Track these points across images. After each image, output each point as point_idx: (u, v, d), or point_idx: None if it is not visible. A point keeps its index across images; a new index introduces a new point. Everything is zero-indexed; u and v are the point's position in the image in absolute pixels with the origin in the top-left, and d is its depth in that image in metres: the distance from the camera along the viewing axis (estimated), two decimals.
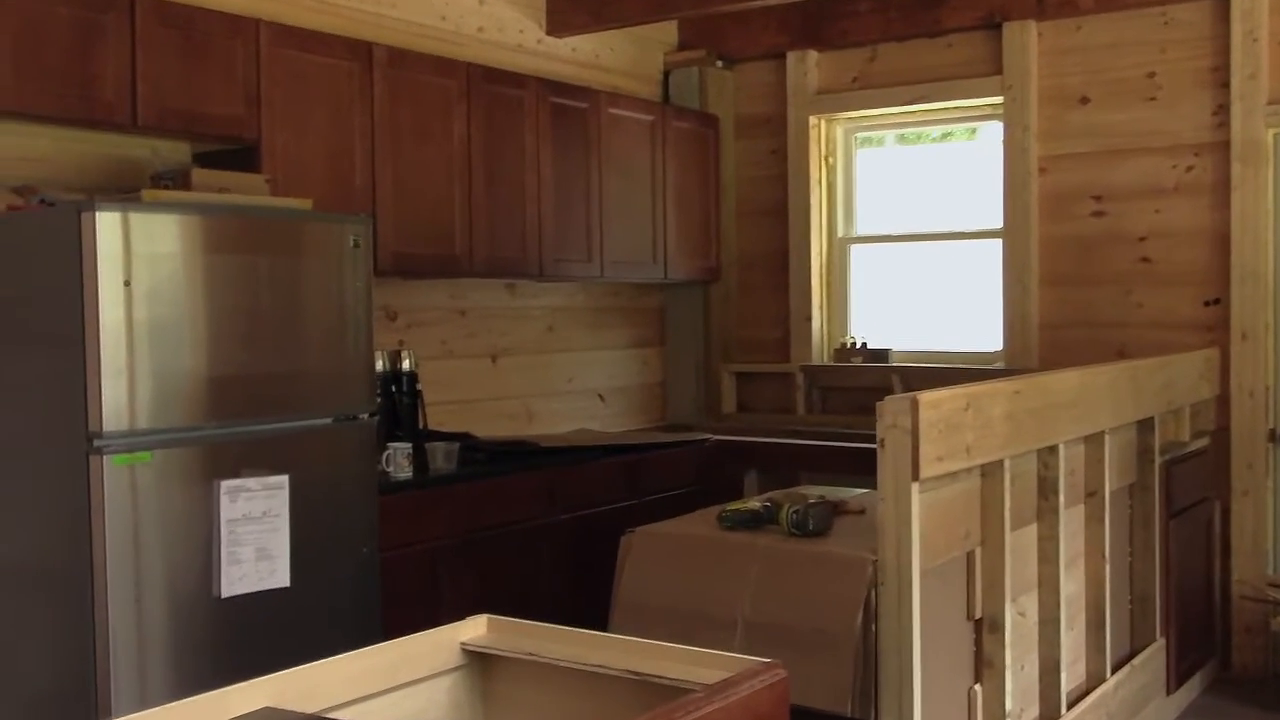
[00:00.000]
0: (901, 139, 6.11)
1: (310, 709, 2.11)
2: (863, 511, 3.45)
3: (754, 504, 3.29)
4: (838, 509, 3.31)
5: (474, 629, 2.40)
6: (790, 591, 2.97)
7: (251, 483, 3.31)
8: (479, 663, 2.39)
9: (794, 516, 3.11)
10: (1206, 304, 5.11)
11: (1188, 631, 4.69)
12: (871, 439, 5.34)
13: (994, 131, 5.64)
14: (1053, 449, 3.60)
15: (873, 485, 4.68)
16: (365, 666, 2.22)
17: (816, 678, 2.81)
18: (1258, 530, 5.02)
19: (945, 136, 6.01)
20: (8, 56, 3.35)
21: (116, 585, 3.08)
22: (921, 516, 2.91)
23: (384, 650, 2.27)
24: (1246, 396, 5.00)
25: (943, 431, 2.93)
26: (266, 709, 2.01)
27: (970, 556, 3.28)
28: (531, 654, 2.28)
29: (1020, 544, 3.48)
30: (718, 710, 1.89)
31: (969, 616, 3.30)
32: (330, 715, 2.08)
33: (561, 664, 2.23)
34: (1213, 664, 5.02)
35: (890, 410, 2.85)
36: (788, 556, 3.02)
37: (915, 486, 2.87)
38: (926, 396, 2.86)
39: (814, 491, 3.71)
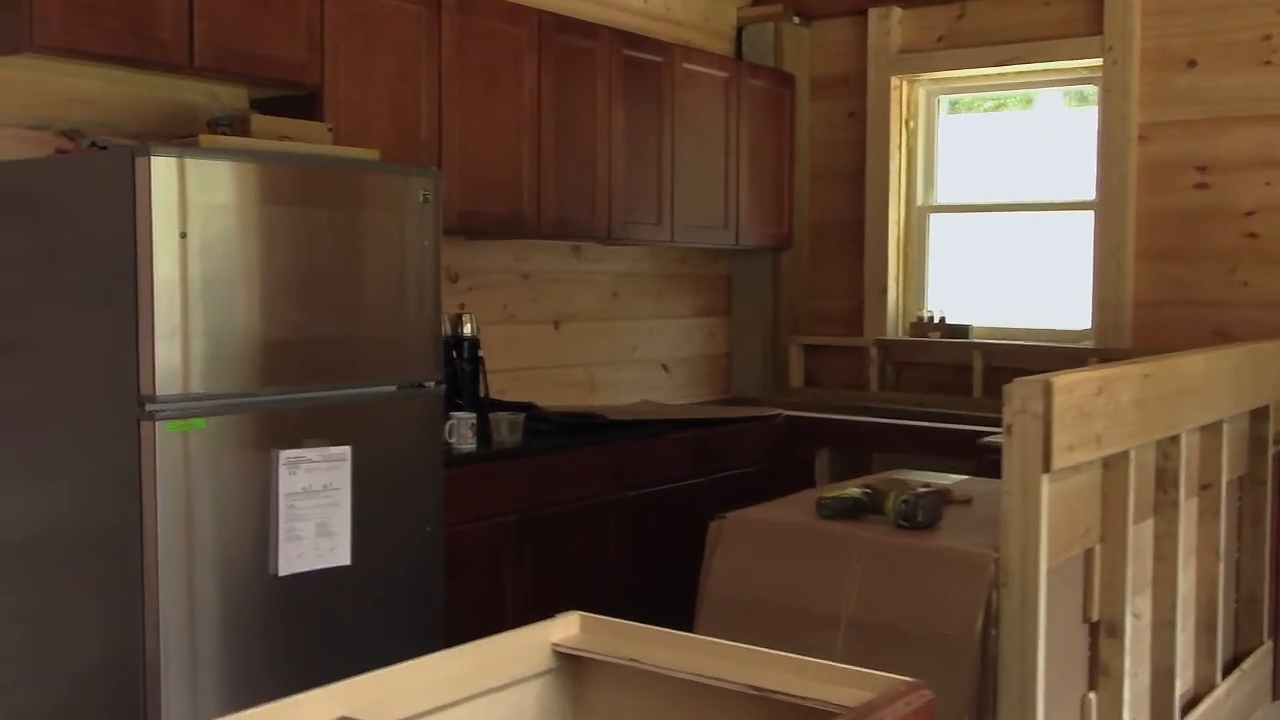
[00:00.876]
0: (988, 103, 5.78)
1: (389, 719, 1.87)
2: (969, 501, 3.17)
3: (854, 491, 3.02)
4: (944, 499, 3.04)
5: (565, 629, 2.16)
6: (900, 590, 2.71)
7: (312, 453, 3.07)
8: (571, 666, 2.15)
9: (902, 507, 2.84)
10: None
11: None
12: (949, 418, 5.18)
13: (1090, 96, 5.31)
14: (1174, 438, 3.32)
15: (953, 467, 4.46)
16: (447, 671, 1.97)
17: (931, 686, 2.54)
18: None
19: (1031, 102, 5.67)
20: None
21: (167, 560, 2.86)
22: (1047, 511, 2.63)
23: (467, 653, 2.03)
24: None
25: (1075, 418, 2.65)
26: (342, 719, 1.77)
27: (1089, 554, 3.01)
28: (633, 660, 2.03)
29: (1137, 542, 3.20)
30: None
31: (1085, 619, 3.03)
32: None
33: (669, 673, 1.98)
34: None
35: (1020, 394, 2.57)
36: (897, 551, 2.76)
37: (1045, 478, 2.59)
38: (1060, 380, 2.58)
39: (914, 478, 3.44)
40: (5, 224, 3.18)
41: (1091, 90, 5.44)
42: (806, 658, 1.91)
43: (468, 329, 4.37)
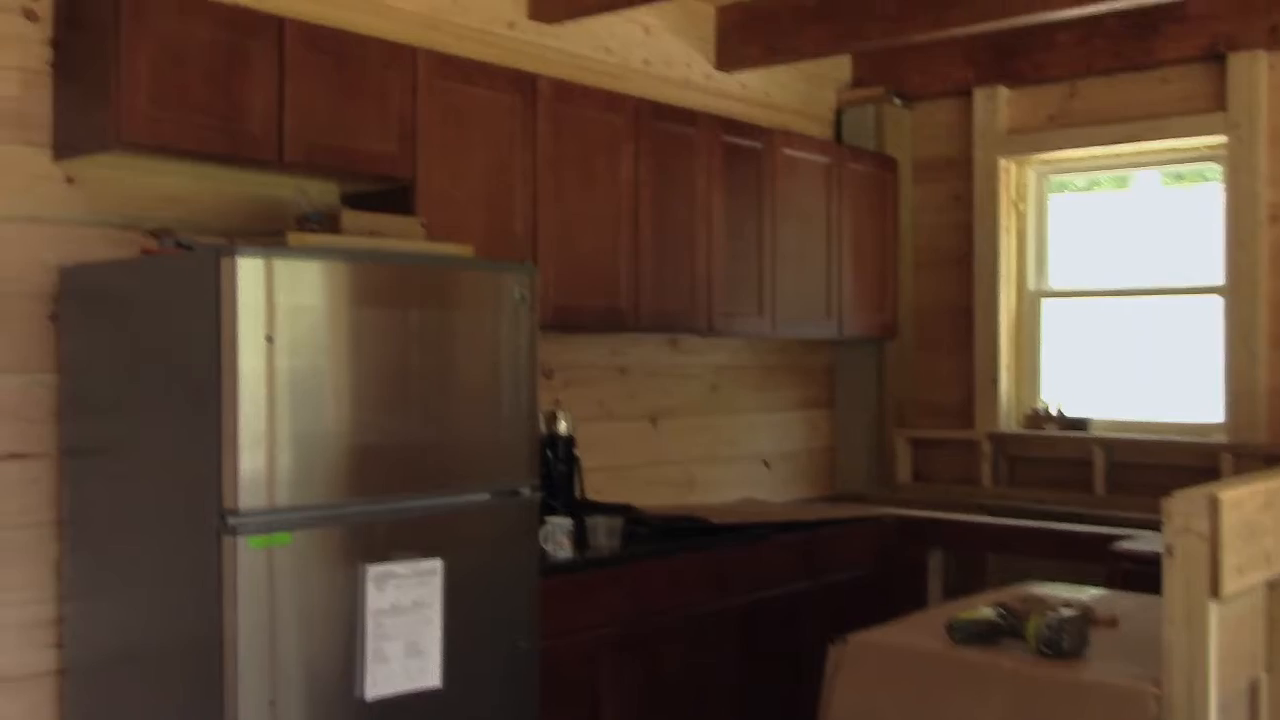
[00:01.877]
0: (1103, 183, 5.52)
1: None
2: (1115, 622, 2.88)
3: (988, 612, 2.75)
4: (1088, 620, 2.75)
5: None
6: None
7: (401, 568, 2.89)
8: None
9: (1046, 633, 2.56)
10: None
11: None
12: (1070, 518, 4.86)
13: (1214, 176, 5.04)
14: None
15: (1079, 571, 4.14)
16: None
17: None
18: None
19: (1127, 182, 5.41)
20: (144, 86, 3.01)
21: (249, 682, 2.69)
22: (1216, 642, 2.35)
23: None
24: None
25: (1243, 537, 2.37)
26: None
27: (1254, 687, 2.69)
28: None
29: None
30: None
31: None
32: None
33: None
34: None
35: (1181, 510, 2.30)
36: (1042, 684, 2.48)
37: (1213, 605, 2.31)
38: (1228, 495, 2.31)
39: (1049, 593, 3.14)
40: (93, 326, 3.09)
41: (1190, 170, 5.18)
42: None
43: (562, 427, 4.18)
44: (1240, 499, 2.37)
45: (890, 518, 4.94)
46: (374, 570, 2.84)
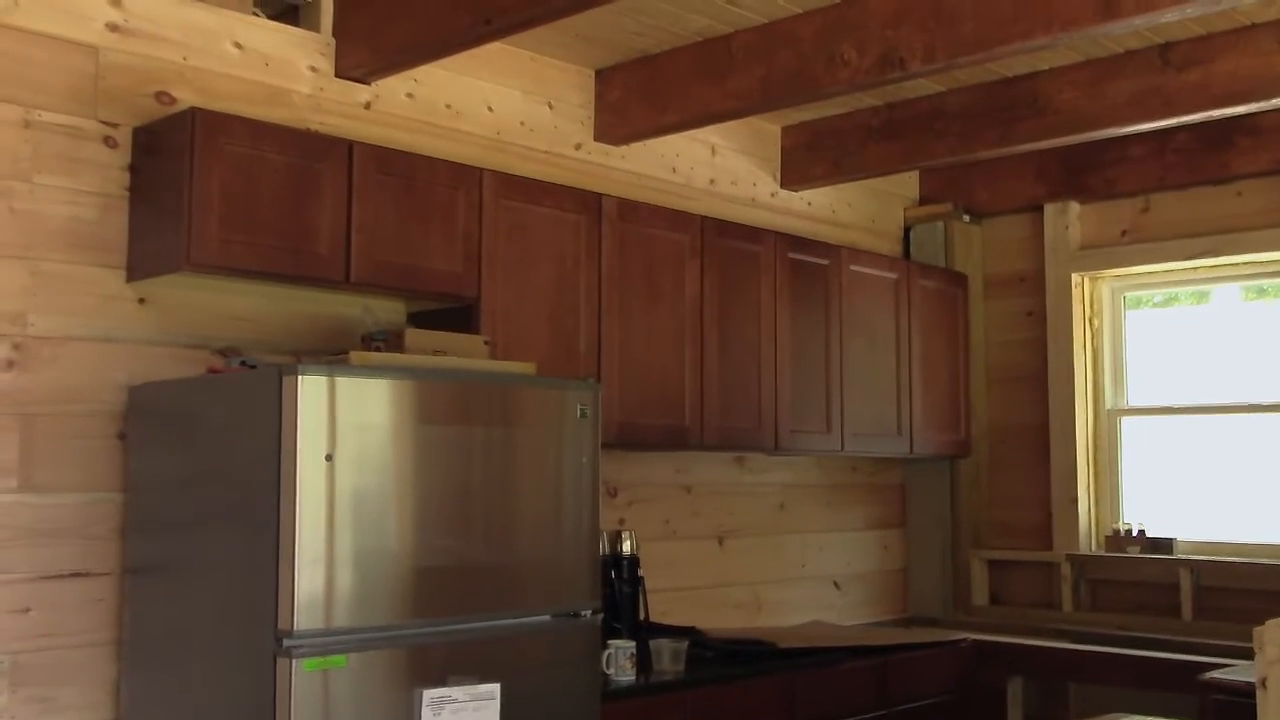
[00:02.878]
0: (1182, 299, 5.41)
1: None
2: None
3: None
4: None
5: None
6: None
7: (458, 692, 2.82)
8: None
9: None
10: None
11: None
12: (1156, 644, 4.65)
13: (1271, 289, 4.93)
14: None
15: (1169, 702, 3.95)
16: None
17: None
18: None
19: (1207, 297, 5.28)
20: (215, 208, 3.07)
21: None
22: None
23: None
24: None
25: None
26: None
27: None
28: None
29: None
30: None
31: None
32: None
33: None
34: None
35: (1275, 639, 2.18)
36: None
37: None
38: None
39: None
40: (159, 444, 3.11)
41: (1272, 284, 5.05)
42: None
43: (627, 547, 4.11)
44: None
45: (967, 642, 4.77)
46: (430, 694, 2.77)
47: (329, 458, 2.68)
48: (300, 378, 2.68)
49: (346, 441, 2.75)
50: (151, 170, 3.21)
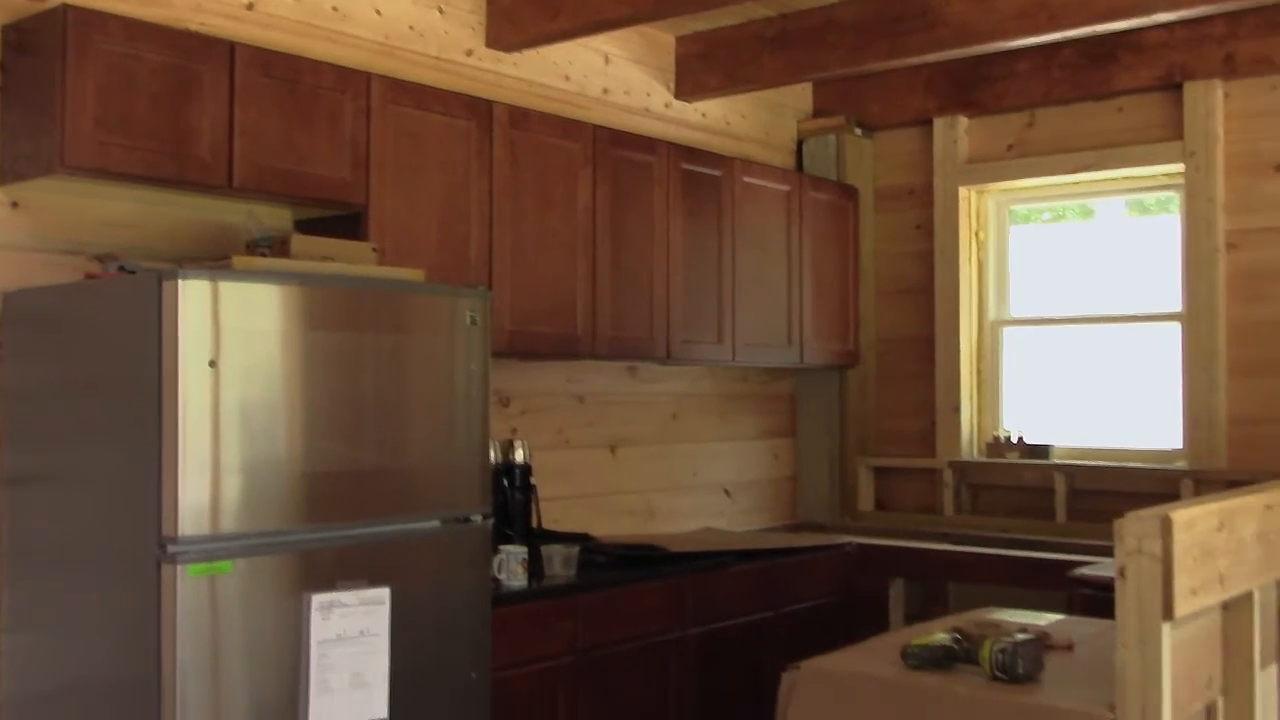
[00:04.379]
0: (1069, 214, 5.54)
1: None
2: (1071, 647, 2.86)
3: (942, 637, 2.72)
4: (1044, 645, 2.73)
5: None
6: None
7: (347, 597, 2.83)
8: None
9: (1000, 657, 2.54)
10: None
11: None
12: (1031, 545, 4.84)
13: (1168, 203, 5.07)
14: None
15: (1045, 603, 4.12)
16: None
17: None
18: None
19: (1091, 212, 5.43)
20: (90, 109, 2.97)
21: (189, 713, 2.62)
22: (1170, 664, 2.32)
23: None
24: None
25: (1197, 558, 2.35)
26: None
27: (1211, 709, 2.67)
28: None
29: (1263, 691, 2.86)
30: None
31: None
32: None
33: None
34: None
35: (1134, 531, 2.28)
36: (996, 708, 2.45)
37: (1166, 627, 2.29)
38: (1180, 515, 2.29)
39: (1004, 618, 3.12)
40: (36, 352, 3.04)
41: (1154, 199, 5.21)
42: None
43: (519, 455, 4.14)
44: (1193, 519, 2.36)
45: (851, 546, 4.91)
46: (319, 599, 2.78)
47: (212, 364, 2.65)
48: (181, 282, 2.63)
49: (232, 348, 2.71)
50: (23, 70, 3.09)
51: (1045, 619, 3.25)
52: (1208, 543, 2.41)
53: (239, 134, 3.26)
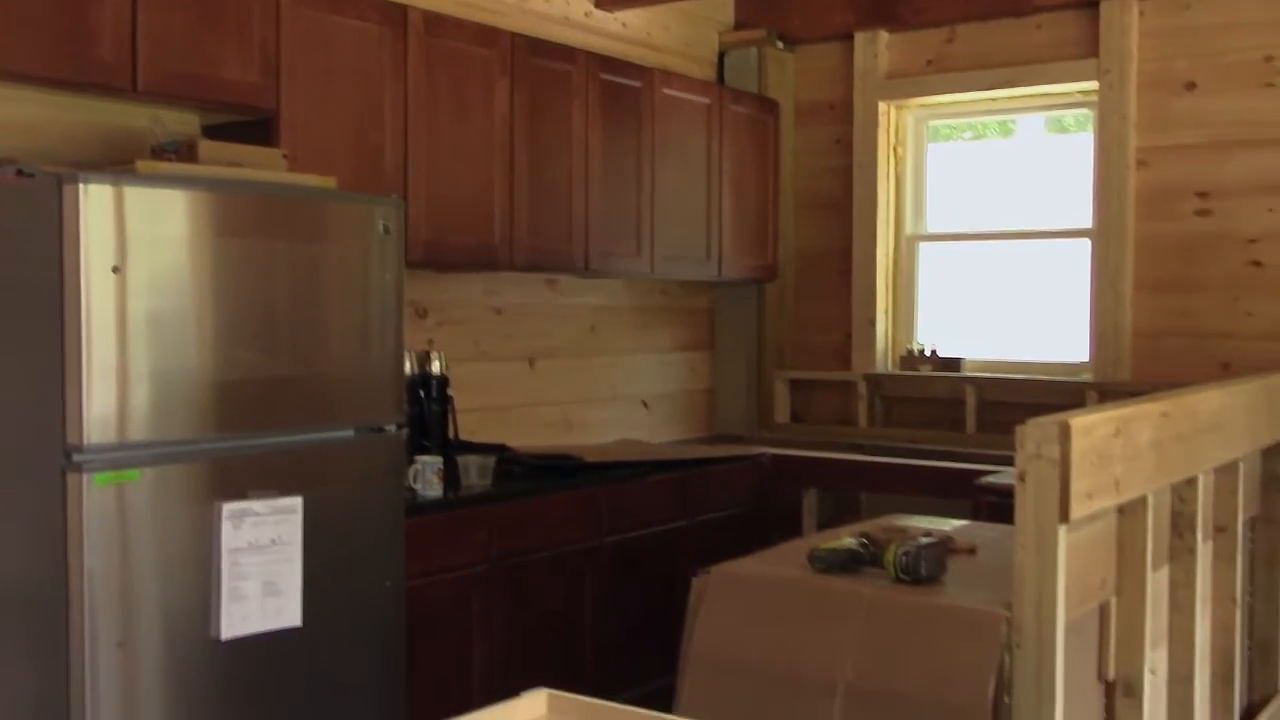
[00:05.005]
0: (968, 132, 5.59)
1: None
2: (974, 550, 2.94)
3: (849, 541, 2.78)
4: (947, 548, 2.81)
5: (531, 709, 1.91)
6: (904, 653, 2.47)
7: (258, 505, 2.82)
8: None
9: (903, 559, 2.61)
10: None
11: None
12: (942, 455, 4.95)
13: (1085, 122, 5.13)
14: (1191, 480, 3.09)
15: (953, 511, 4.23)
16: None
17: None
18: None
19: (1012, 130, 5.49)
20: None
21: (99, 625, 2.60)
22: (1065, 565, 2.40)
23: None
24: None
25: (1093, 463, 2.42)
26: None
27: (1104, 608, 2.77)
28: None
29: (1154, 592, 2.97)
30: None
31: (1100, 678, 2.79)
32: None
33: None
34: None
35: (1034, 437, 2.34)
36: (900, 609, 2.52)
37: (1062, 530, 2.36)
38: (1078, 421, 2.35)
39: (911, 524, 3.20)
40: None
41: (1074, 117, 5.27)
42: None
43: (436, 367, 4.13)
44: (1090, 426, 2.42)
45: (766, 457, 4.98)
46: (229, 508, 2.77)
47: (116, 270, 2.60)
48: (82, 186, 2.56)
49: (138, 254, 2.66)
50: None
51: (950, 524, 3.33)
52: (1104, 449, 2.48)
53: (143, 35, 3.16)
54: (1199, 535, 3.15)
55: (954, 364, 5.34)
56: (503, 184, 4.15)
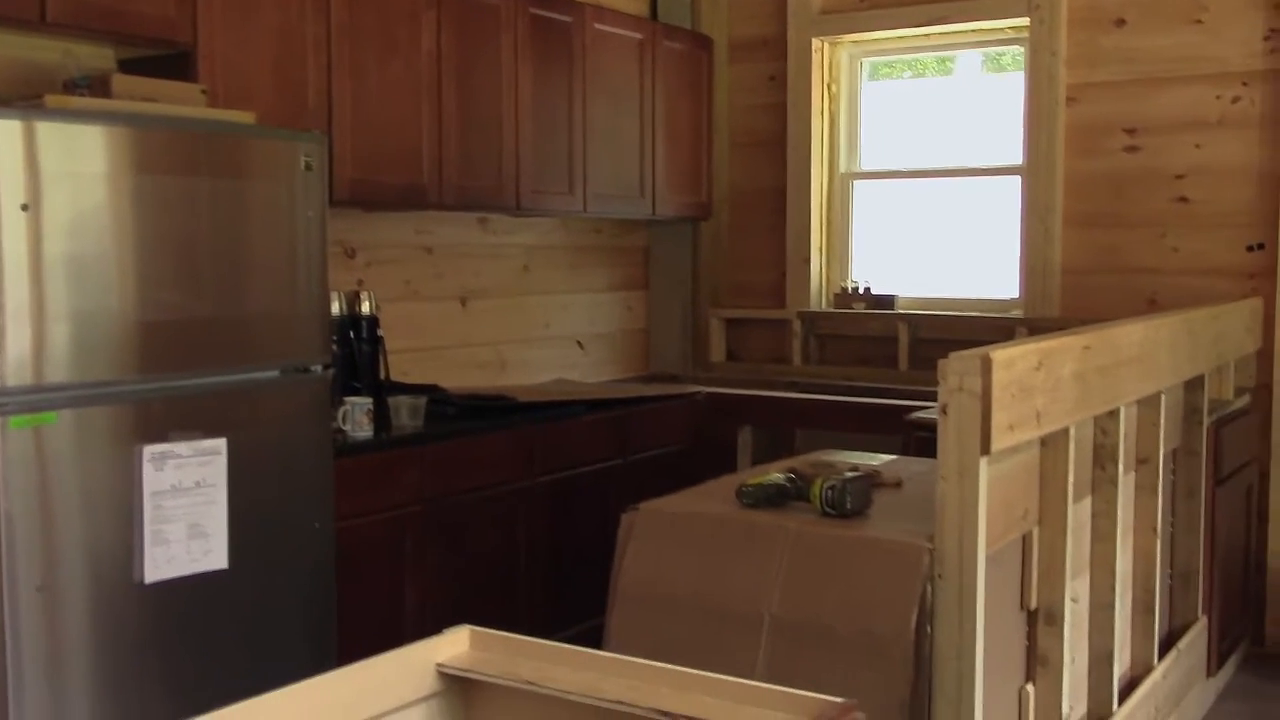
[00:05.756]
0: (907, 71, 5.58)
1: None
2: (900, 484, 2.97)
3: (777, 476, 2.80)
4: (873, 482, 2.83)
5: (453, 646, 1.91)
6: (828, 585, 2.49)
7: (181, 448, 2.78)
8: (461, 688, 1.90)
9: (829, 493, 2.62)
10: (1250, 249, 4.65)
11: (1227, 608, 4.28)
12: (875, 392, 4.99)
13: (1016, 58, 5.14)
14: (1113, 413, 3.14)
15: (885, 447, 4.26)
16: (312, 701, 1.71)
17: (862, 690, 2.34)
18: None
19: (950, 68, 5.49)
20: None
21: (18, 569, 2.57)
22: (987, 496, 2.43)
23: (338, 679, 1.76)
24: None
25: (1015, 395, 2.45)
26: None
27: (1026, 539, 2.82)
28: (529, 682, 1.78)
29: (1075, 522, 3.02)
30: None
31: (1023, 607, 2.84)
32: None
33: (567, 697, 1.74)
34: (1246, 640, 4.62)
35: (956, 370, 2.36)
36: (824, 542, 2.54)
37: (984, 461, 2.39)
38: (1000, 354, 2.37)
39: (839, 459, 3.22)
40: None
41: (1011, 55, 5.28)
42: (723, 676, 1.69)
43: (366, 307, 4.08)
44: (1012, 359, 2.45)
45: (701, 395, 4.99)
46: (151, 450, 2.73)
47: (25, 207, 2.53)
48: None
49: (53, 191, 2.59)
50: None
51: (879, 459, 3.36)
52: (1026, 381, 2.51)
53: None
54: (1120, 467, 3.21)
55: (888, 301, 5.37)
56: (431, 121, 4.09)
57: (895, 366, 5.23)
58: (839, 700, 1.61)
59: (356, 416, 3.59)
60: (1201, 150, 4.70)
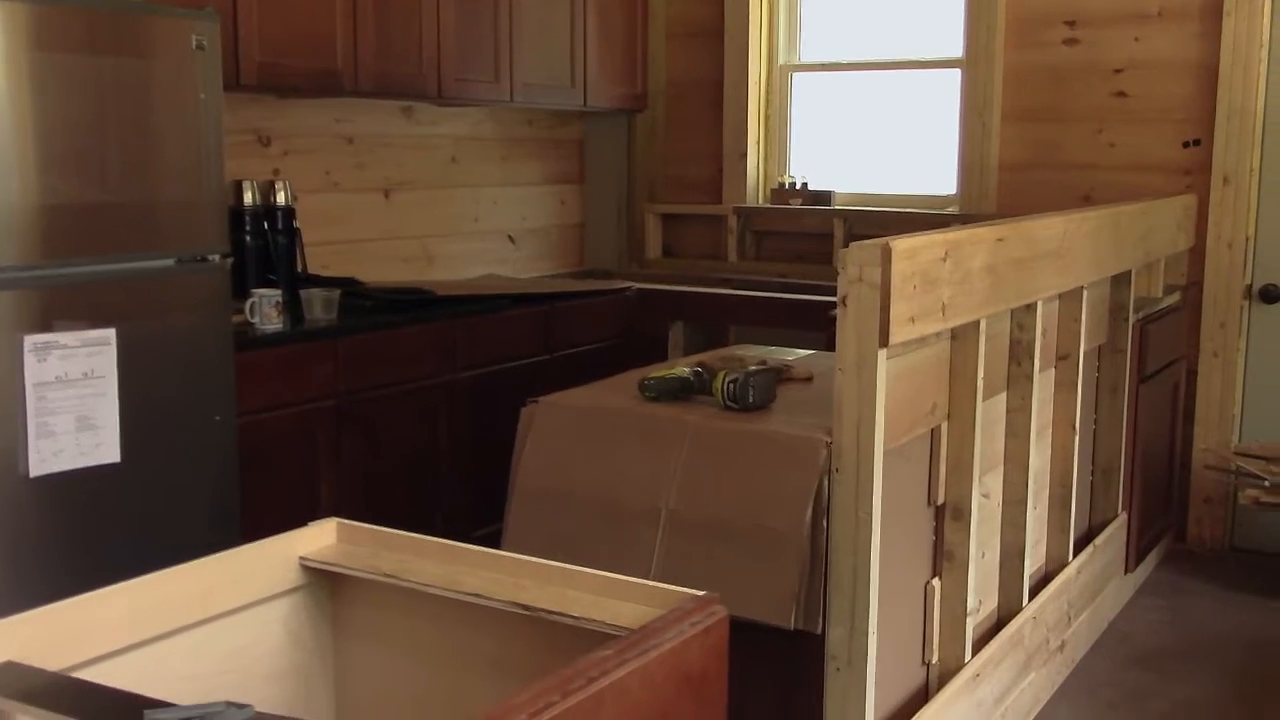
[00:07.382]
0: None
1: (85, 654, 1.56)
2: (810, 379, 2.92)
3: (682, 370, 2.74)
4: (780, 376, 2.78)
5: (319, 538, 1.85)
6: (725, 479, 2.45)
7: (67, 338, 2.69)
8: (326, 582, 1.85)
9: (730, 387, 2.57)
10: (1186, 145, 4.59)
11: (1148, 505, 4.30)
12: (811, 289, 4.93)
13: None
14: (1029, 307, 3.10)
15: (816, 344, 4.22)
16: (170, 590, 1.66)
17: (755, 584, 2.32)
18: (1225, 395, 4.61)
19: None
20: None
21: None
22: (887, 389, 2.38)
23: (197, 569, 1.71)
24: (1224, 248, 4.52)
25: (918, 287, 2.39)
26: (5, 664, 1.45)
27: (935, 433, 2.78)
28: (390, 575, 1.74)
29: (988, 417, 2.99)
30: (632, 674, 1.36)
31: (930, 502, 2.82)
32: (102, 663, 1.54)
33: (430, 590, 1.70)
34: (1168, 537, 4.66)
35: (855, 260, 2.29)
36: (723, 436, 2.49)
37: (882, 354, 2.33)
38: (900, 244, 2.31)
39: (751, 354, 3.17)
40: None
41: None
42: (588, 569, 1.64)
43: (281, 197, 3.97)
44: (914, 249, 2.38)
45: (632, 291, 4.92)
46: (34, 340, 2.63)
47: None
48: None
49: None
50: None
51: (795, 354, 3.31)
52: (930, 273, 2.45)
53: None
54: (1037, 362, 3.17)
55: (825, 197, 5.28)
56: (344, 2, 3.92)
57: (831, 263, 5.17)
58: (699, 593, 1.57)
59: (264, 309, 3.50)
60: (1140, 44, 4.61)
